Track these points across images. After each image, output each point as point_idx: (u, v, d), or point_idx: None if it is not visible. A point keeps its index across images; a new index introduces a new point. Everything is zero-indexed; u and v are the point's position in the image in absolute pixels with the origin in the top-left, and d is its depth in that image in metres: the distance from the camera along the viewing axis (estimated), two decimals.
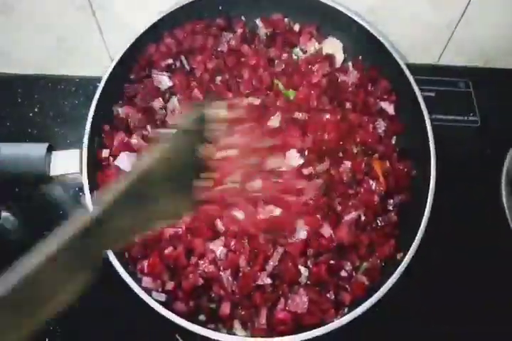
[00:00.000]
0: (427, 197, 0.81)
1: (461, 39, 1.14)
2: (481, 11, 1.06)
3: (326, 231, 0.81)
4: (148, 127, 0.94)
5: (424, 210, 0.80)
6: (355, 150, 0.91)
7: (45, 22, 1.05)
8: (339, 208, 0.85)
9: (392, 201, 0.88)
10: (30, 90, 1.15)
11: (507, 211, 1.02)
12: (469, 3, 1.05)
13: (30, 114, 1.12)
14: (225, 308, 0.79)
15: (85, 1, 1.00)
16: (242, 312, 0.79)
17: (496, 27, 1.11)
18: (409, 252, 0.76)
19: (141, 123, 0.94)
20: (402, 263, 0.75)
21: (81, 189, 0.87)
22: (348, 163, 0.87)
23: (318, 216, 0.82)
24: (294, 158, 0.86)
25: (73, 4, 1.01)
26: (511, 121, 1.11)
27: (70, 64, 1.16)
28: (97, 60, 1.15)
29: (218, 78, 0.97)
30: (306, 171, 0.85)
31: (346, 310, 0.78)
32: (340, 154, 0.91)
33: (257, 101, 0.91)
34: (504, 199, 1.03)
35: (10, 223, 1.00)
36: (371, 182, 0.87)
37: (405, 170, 0.90)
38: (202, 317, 0.81)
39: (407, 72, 0.92)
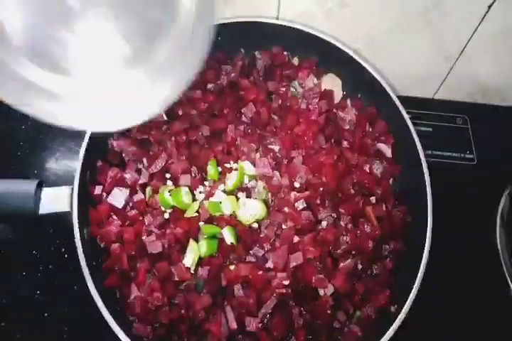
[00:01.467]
0: (423, 248, 0.80)
1: (460, 74, 1.14)
2: (480, 47, 1.06)
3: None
4: (144, 160, 0.92)
5: (420, 261, 0.79)
6: (352, 191, 0.90)
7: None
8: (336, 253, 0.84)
9: (387, 247, 0.87)
10: None
11: (500, 251, 1.01)
12: (470, 39, 1.04)
13: (23, 127, 1.11)
14: None
15: None
16: None
17: (495, 63, 1.11)
18: (405, 307, 0.74)
19: (135, 156, 0.92)
20: (397, 320, 0.73)
21: None
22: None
23: (314, 263, 0.81)
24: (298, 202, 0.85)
25: None
26: (508, 159, 1.10)
27: None
28: None
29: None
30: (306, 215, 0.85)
31: None
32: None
33: None
34: (498, 240, 1.02)
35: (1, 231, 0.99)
36: (366, 225, 0.86)
37: (401, 215, 0.89)
38: None
39: (405, 114, 0.92)
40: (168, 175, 0.90)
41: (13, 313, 0.91)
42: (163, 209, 0.87)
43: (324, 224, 0.86)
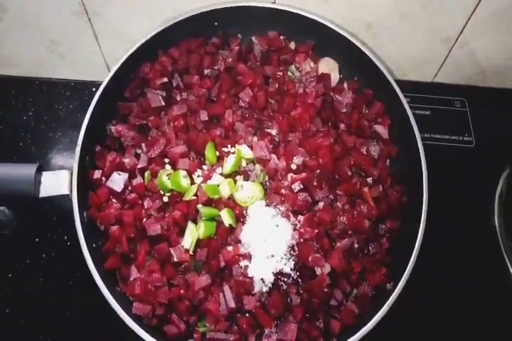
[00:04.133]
0: (418, 226, 0.80)
1: (458, 57, 1.14)
2: (478, 30, 1.06)
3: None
4: (143, 145, 0.93)
5: (415, 239, 0.79)
6: (349, 173, 0.90)
7: (39, 25, 1.04)
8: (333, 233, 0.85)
9: (384, 226, 0.87)
10: (25, 93, 1.15)
11: (499, 233, 1.01)
12: (467, 22, 1.04)
13: (24, 117, 1.12)
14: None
15: (80, 6, 0.99)
16: (231, 339, 0.78)
17: (494, 46, 1.11)
18: (400, 283, 0.75)
19: (134, 141, 0.93)
20: (393, 294, 0.74)
21: None
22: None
23: (310, 243, 0.81)
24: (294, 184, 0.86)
25: (68, 9, 1.00)
26: (506, 142, 1.10)
27: (64, 67, 1.15)
28: (91, 65, 1.15)
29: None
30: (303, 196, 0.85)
31: (335, 340, 0.78)
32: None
33: None
34: (496, 222, 1.02)
35: (4, 215, 1.00)
36: (362, 206, 0.87)
37: (398, 195, 0.90)
38: None
39: (401, 96, 0.92)
40: (166, 160, 0.91)
41: (17, 300, 0.93)
42: (162, 192, 0.88)
43: (321, 204, 0.86)
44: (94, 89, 1.15)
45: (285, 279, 0.81)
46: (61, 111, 1.13)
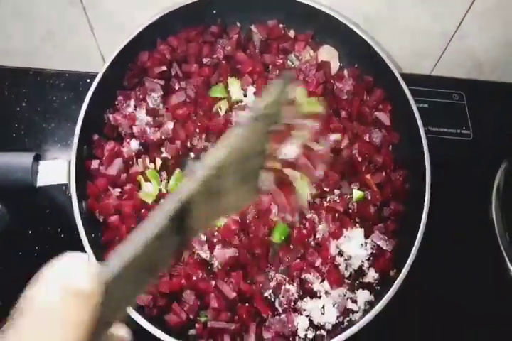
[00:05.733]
0: (421, 215, 0.80)
1: (457, 50, 1.14)
2: (477, 23, 1.06)
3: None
4: None
5: (418, 226, 0.79)
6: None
7: (33, 14, 1.02)
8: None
9: (388, 209, 0.88)
10: (18, 84, 1.12)
11: (496, 226, 1.01)
12: (466, 15, 1.04)
13: (18, 109, 1.09)
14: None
15: None
16: (232, 327, 0.77)
17: (492, 39, 1.11)
18: (403, 271, 0.75)
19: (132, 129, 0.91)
20: (395, 283, 0.74)
21: None
22: None
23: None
24: None
25: None
26: (504, 135, 1.10)
27: (58, 58, 1.13)
28: (87, 56, 1.12)
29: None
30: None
31: (339, 328, 0.77)
32: None
33: None
34: (494, 215, 1.02)
35: None
36: (366, 192, 0.87)
37: (401, 179, 0.90)
38: (193, 332, 0.80)
39: (402, 82, 0.91)
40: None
41: (11, 294, 0.90)
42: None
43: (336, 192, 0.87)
44: (88, 80, 1.13)
45: None
46: (55, 103, 1.11)
